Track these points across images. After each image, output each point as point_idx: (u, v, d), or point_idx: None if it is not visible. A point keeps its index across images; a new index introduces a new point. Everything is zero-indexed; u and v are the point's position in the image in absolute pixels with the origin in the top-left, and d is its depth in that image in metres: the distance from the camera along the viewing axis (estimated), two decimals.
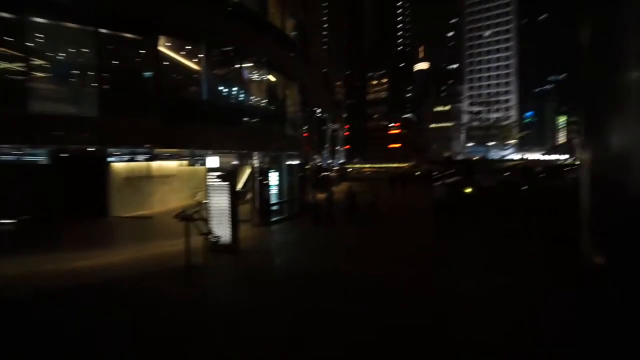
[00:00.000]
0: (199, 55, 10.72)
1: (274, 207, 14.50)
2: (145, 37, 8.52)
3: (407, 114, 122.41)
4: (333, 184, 30.37)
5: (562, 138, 77.32)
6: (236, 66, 12.51)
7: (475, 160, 63.76)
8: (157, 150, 11.66)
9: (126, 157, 12.22)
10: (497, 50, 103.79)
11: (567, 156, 67.67)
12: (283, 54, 15.60)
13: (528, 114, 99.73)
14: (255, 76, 14.00)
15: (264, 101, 14.18)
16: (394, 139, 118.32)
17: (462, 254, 8.92)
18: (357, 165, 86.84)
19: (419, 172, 44.76)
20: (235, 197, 8.93)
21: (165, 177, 15.97)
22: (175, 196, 16.47)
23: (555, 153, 75.83)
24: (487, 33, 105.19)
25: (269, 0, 14.44)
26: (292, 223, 13.96)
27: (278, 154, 15.05)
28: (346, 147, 67.41)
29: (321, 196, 17.26)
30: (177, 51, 10.52)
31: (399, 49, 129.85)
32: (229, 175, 8.79)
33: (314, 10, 34.52)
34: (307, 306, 5.66)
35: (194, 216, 7.66)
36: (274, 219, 13.62)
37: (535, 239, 10.05)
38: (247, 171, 14.33)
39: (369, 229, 12.72)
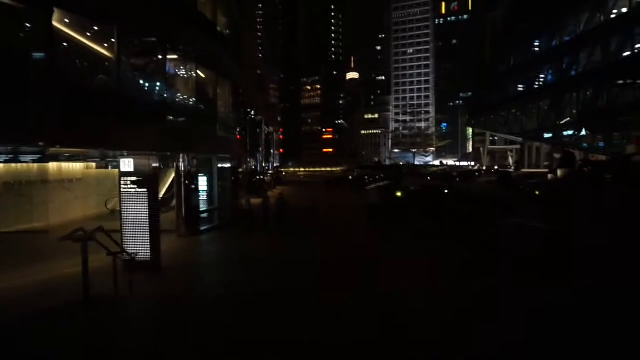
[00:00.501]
0: (112, 40, 9.15)
1: (203, 215, 13.25)
2: (32, 8, 6.83)
3: (340, 120, 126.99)
4: (268, 188, 29.50)
5: (470, 147, 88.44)
6: (160, 57, 11.08)
7: (402, 165, 68.90)
8: (54, 150, 9.63)
9: (5, 157, 9.81)
10: (419, 67, 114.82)
11: (473, 163, 77.74)
12: (214, 49, 14.46)
13: (443, 125, 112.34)
14: (182, 70, 12.63)
15: (193, 99, 12.89)
16: (328, 143, 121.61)
17: (400, 259, 9.09)
18: (292, 169, 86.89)
19: (351, 177, 46.43)
20: (156, 206, 7.74)
21: (67, 182, 13.44)
22: (81, 204, 14.01)
23: (465, 160, 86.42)
24: (410, 50, 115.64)
25: None
26: (224, 232, 12.88)
27: (208, 157, 13.83)
28: (280, 150, 66.73)
29: (255, 201, 16.42)
30: (82, 32, 8.79)
31: (332, 57, 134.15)
32: (148, 179, 7.57)
33: (249, 13, 33.47)
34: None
35: (94, 234, 5.82)
36: (203, 228, 12.39)
37: (460, 239, 10.61)
38: (172, 175, 12.82)
39: (307, 235, 12.29)
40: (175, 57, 11.82)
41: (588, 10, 33.21)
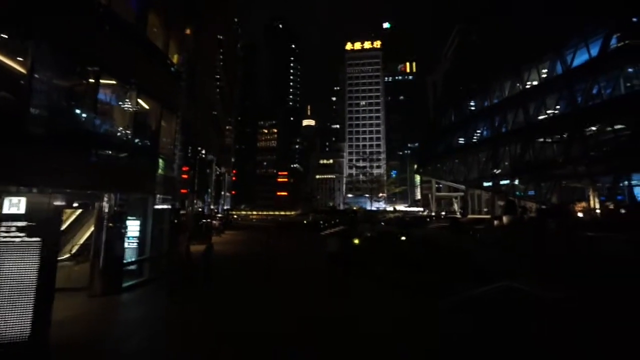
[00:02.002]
0: (26, 54, 7.61)
1: (131, 267, 10.97)
2: None
3: (295, 164, 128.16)
4: (216, 232, 26.99)
5: (419, 194, 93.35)
6: (91, 80, 9.59)
7: (356, 210, 69.55)
8: None
9: None
10: (370, 118, 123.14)
11: (422, 208, 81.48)
12: (162, 79, 13.30)
13: (393, 172, 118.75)
14: (119, 98, 11.13)
15: (129, 130, 11.26)
16: (282, 187, 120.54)
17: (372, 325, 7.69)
18: (244, 212, 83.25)
19: (306, 221, 45.25)
20: (52, 261, 5.81)
21: None
22: None
23: (415, 206, 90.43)
24: (363, 103, 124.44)
25: (151, 18, 12.41)
26: (154, 288, 10.58)
27: (143, 196, 11.90)
28: (232, 192, 63.94)
29: (199, 248, 14.35)
30: None
31: (289, 103, 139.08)
32: (43, 225, 5.73)
33: (209, 53, 33.39)
34: None
35: None
36: (127, 284, 10.09)
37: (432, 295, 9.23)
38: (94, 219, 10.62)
39: (256, 291, 10.55)
40: (111, 82, 10.41)
41: (510, 80, 38.56)
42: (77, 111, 9.44)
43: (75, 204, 10.94)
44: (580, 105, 26.74)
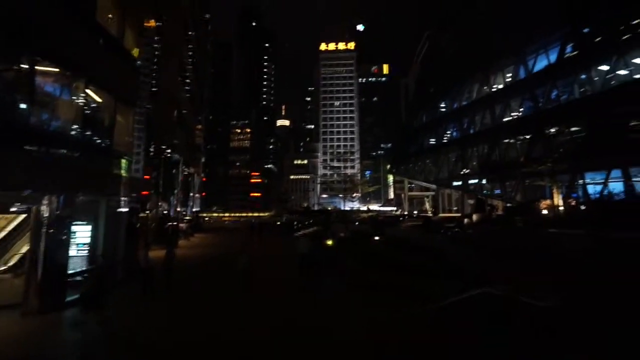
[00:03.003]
0: None
1: (77, 278, 9.76)
2: None
3: (269, 164, 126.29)
4: (183, 235, 25.54)
5: (392, 194, 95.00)
6: (26, 65, 8.38)
7: (330, 210, 69.41)
8: None
9: None
10: (345, 118, 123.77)
11: (395, 208, 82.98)
12: (117, 70, 12.12)
13: (367, 172, 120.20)
14: (64, 87, 9.91)
15: (76, 124, 10.06)
16: (256, 187, 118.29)
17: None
18: (216, 214, 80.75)
19: (280, 222, 44.36)
20: None
21: None
22: None
23: (388, 205, 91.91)
24: (337, 103, 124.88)
25: (104, 2, 11.25)
26: (106, 300, 9.44)
27: (94, 198, 10.72)
28: (203, 194, 61.65)
29: (161, 254, 13.23)
30: None
31: (263, 103, 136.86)
32: None
33: (175, 47, 31.77)
34: None
35: None
36: (72, 298, 8.90)
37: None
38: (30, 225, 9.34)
39: (219, 301, 9.66)
40: (54, 68, 9.20)
41: (477, 83, 40.00)
42: (5, 98, 8.19)
43: (13, 209, 9.66)
44: (541, 107, 28.09)
